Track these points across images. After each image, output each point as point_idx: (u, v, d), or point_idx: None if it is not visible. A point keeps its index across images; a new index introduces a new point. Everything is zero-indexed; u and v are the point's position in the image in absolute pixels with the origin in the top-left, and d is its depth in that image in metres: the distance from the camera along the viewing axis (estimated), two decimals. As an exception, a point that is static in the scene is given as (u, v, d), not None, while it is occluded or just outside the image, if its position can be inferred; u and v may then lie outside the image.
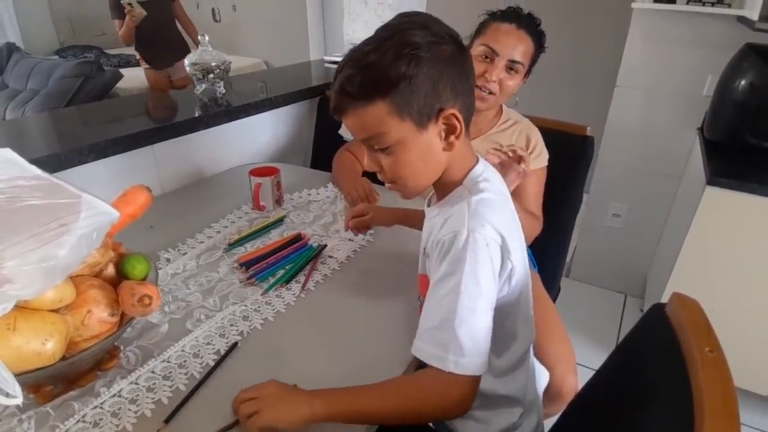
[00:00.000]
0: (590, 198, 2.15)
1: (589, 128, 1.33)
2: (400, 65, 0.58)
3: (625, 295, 2.19)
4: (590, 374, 0.74)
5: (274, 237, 1.08)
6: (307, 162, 1.79)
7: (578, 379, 1.15)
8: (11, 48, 3.18)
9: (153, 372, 0.71)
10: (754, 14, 1.35)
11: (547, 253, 1.40)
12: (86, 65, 2.85)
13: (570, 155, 1.35)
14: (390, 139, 0.62)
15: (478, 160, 0.69)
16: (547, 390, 1.04)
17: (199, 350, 0.75)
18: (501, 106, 1.22)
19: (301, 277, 0.93)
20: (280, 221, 1.14)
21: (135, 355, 0.74)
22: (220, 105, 1.46)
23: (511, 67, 1.08)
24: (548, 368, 1.05)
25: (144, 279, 0.74)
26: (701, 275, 1.51)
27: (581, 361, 1.78)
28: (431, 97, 0.60)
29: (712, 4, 1.55)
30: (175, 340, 0.77)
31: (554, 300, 1.45)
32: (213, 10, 4.29)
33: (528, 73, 1.14)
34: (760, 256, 1.40)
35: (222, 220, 1.15)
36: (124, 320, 0.67)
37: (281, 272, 0.95)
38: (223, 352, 0.74)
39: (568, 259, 2.36)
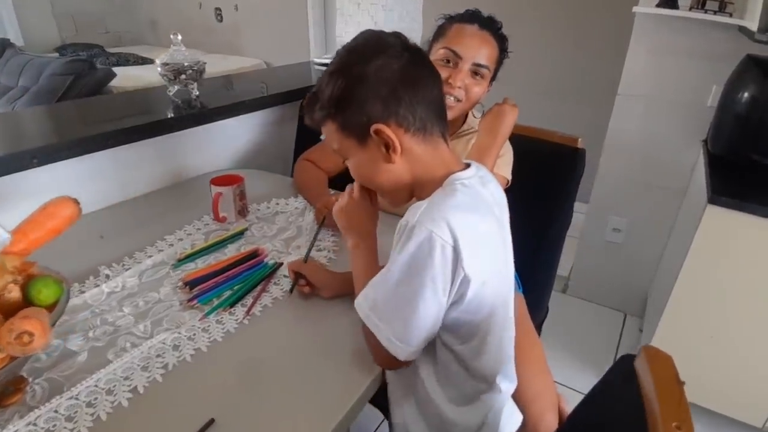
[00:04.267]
0: (589, 211, 2.05)
1: (580, 140, 1.23)
2: (330, 89, 0.64)
3: (624, 314, 2.08)
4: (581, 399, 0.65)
5: (231, 252, 1.00)
6: (288, 168, 1.71)
7: (564, 410, 1.06)
8: (4, 44, 3.14)
9: (56, 411, 0.62)
10: (753, 25, 1.26)
11: (534, 270, 1.30)
12: (77, 63, 2.80)
13: (559, 168, 1.25)
14: (343, 153, 0.69)
15: (468, 166, 0.68)
16: (523, 428, 0.95)
17: (114, 386, 0.66)
18: (468, 114, 1.13)
19: (249, 300, 0.85)
20: (239, 234, 1.06)
21: (42, 389, 0.66)
22: (193, 107, 1.39)
23: (476, 71, 0.99)
24: (525, 404, 0.95)
25: (54, 305, 0.66)
26: (701, 297, 1.40)
27: (572, 384, 1.68)
28: (360, 115, 0.63)
29: (714, 12, 1.45)
30: (91, 372, 0.69)
31: (542, 322, 1.36)
32: (216, 10, 4.26)
33: (493, 79, 1.05)
34: (762, 278, 1.29)
35: (178, 232, 1.07)
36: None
37: (228, 293, 0.86)
38: (141, 390, 0.66)
39: (565, 274, 2.26)
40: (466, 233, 0.59)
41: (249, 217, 1.14)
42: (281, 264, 0.95)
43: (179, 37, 1.39)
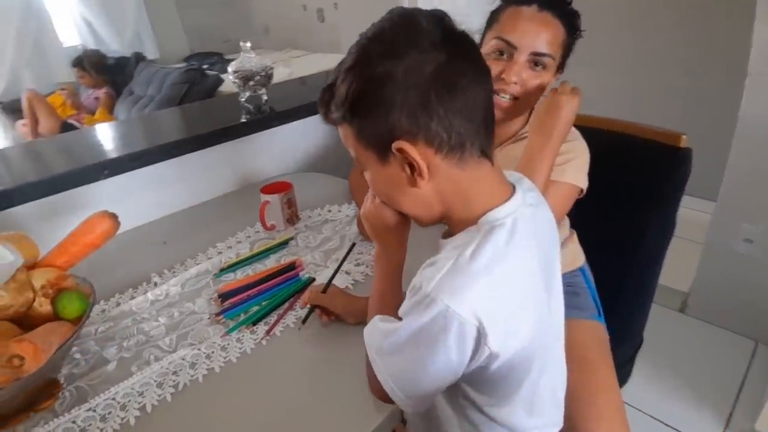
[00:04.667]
0: (716, 214, 1.70)
1: (684, 137, 0.99)
2: (346, 87, 0.51)
3: (755, 343, 1.70)
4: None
5: (271, 263, 0.99)
6: (358, 170, 1.68)
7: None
8: (138, 57, 3.59)
9: (74, 422, 0.65)
10: None
11: (622, 293, 1.10)
12: (191, 72, 3.08)
13: (656, 173, 1.04)
14: (360, 164, 0.57)
15: (510, 196, 0.55)
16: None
17: (128, 401, 0.68)
18: (532, 111, 0.96)
19: (274, 317, 0.82)
20: (284, 244, 1.04)
21: (71, 396, 0.70)
22: (262, 112, 1.42)
23: (535, 61, 0.83)
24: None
25: (78, 319, 0.69)
26: None
27: (682, 426, 1.41)
28: (380, 126, 0.50)
29: None
30: (114, 383, 0.71)
31: (633, 355, 1.14)
32: (318, 11, 4.41)
33: (562, 66, 0.87)
34: None
35: (230, 239, 1.09)
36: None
37: (256, 308, 0.85)
38: (149, 408, 0.67)
39: (685, 289, 1.92)
40: (496, 307, 0.49)
41: (298, 225, 1.13)
42: (314, 279, 0.91)
43: (248, 45, 1.42)
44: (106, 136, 1.40)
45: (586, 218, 1.04)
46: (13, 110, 3.44)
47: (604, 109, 1.12)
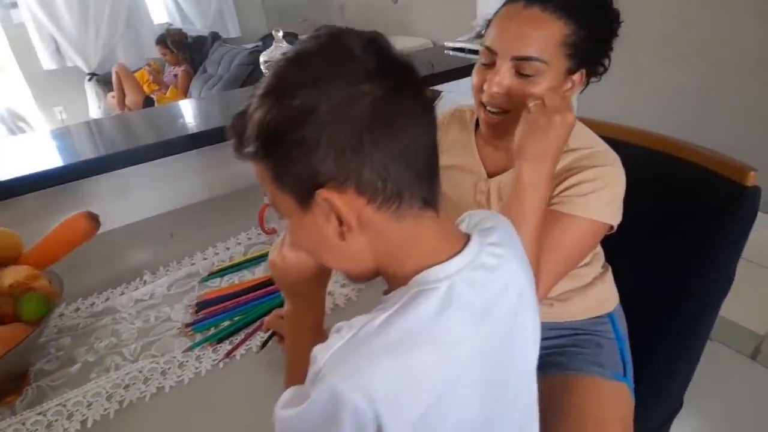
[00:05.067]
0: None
1: (753, 173, 0.80)
2: (259, 119, 0.42)
3: None
4: None
5: (261, 272, 0.95)
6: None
7: None
8: (214, 36, 3.73)
9: (23, 424, 0.66)
10: None
11: (658, 352, 0.93)
12: (256, 54, 3.13)
13: (713, 212, 0.85)
14: (277, 209, 0.48)
15: (455, 254, 0.45)
16: None
17: (75, 412, 0.68)
18: None
19: (241, 336, 0.79)
20: (279, 252, 1.00)
21: (32, 394, 0.71)
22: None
23: (521, 68, 0.69)
24: None
25: (39, 320, 0.69)
26: None
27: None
28: (301, 168, 0.42)
29: None
30: (71, 388, 0.71)
31: (668, 421, 0.97)
32: (393, -8, 4.30)
33: (586, 67, 0.72)
34: None
35: (230, 239, 1.07)
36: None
37: (227, 323, 0.81)
38: (90, 423, 0.66)
39: (761, 332, 1.64)
40: (402, 396, 0.40)
41: (301, 232, 1.08)
42: (292, 298, 0.86)
43: (280, 34, 1.38)
44: (144, 120, 1.44)
45: (621, 253, 0.89)
46: (107, 83, 3.74)
47: (653, 122, 0.95)
